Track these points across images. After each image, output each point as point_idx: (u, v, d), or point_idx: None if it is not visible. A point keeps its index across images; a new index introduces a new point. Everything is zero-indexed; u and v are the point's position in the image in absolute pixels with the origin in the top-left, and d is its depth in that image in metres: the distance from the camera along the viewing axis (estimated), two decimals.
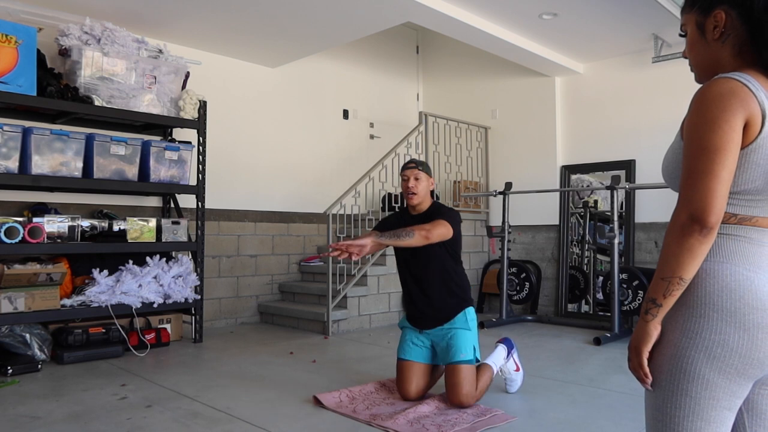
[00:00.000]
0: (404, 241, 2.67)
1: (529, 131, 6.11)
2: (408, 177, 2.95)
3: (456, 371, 2.77)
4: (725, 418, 1.05)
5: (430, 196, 3.01)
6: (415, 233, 2.67)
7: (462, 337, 2.83)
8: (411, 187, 2.92)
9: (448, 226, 2.77)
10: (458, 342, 2.81)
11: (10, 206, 4.04)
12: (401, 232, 2.67)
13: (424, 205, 2.97)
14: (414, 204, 2.96)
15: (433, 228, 2.72)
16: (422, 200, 2.95)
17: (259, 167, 5.50)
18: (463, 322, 2.87)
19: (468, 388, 2.74)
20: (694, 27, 1.16)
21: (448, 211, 2.90)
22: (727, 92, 1.01)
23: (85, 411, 2.74)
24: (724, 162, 1.00)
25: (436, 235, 2.72)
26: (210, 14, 4.31)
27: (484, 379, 2.87)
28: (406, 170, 2.98)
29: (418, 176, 2.94)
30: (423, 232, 2.68)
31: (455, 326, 2.85)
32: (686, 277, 1.03)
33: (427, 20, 4.45)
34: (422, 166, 2.99)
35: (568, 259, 5.71)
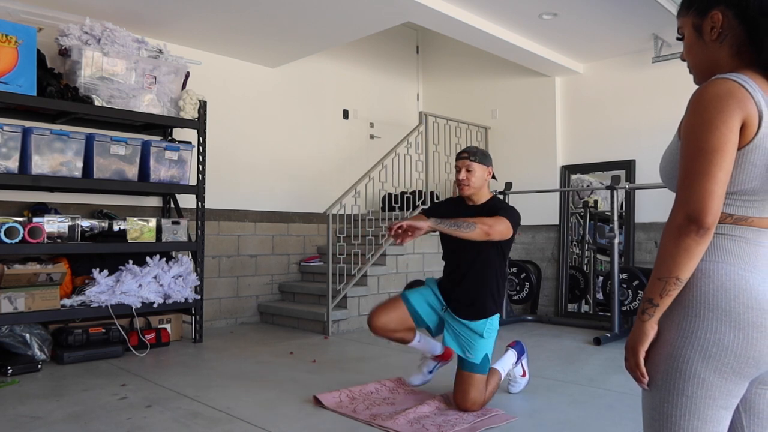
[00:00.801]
0: (464, 233, 2.50)
1: (529, 131, 6.11)
2: (459, 168, 2.81)
3: (466, 378, 2.73)
4: (722, 417, 1.05)
5: (487, 189, 2.89)
6: (477, 227, 2.50)
7: (476, 343, 2.76)
8: (462, 180, 2.79)
9: (509, 225, 2.61)
10: (470, 346, 2.76)
11: (10, 206, 4.04)
12: (462, 223, 2.51)
13: (481, 197, 2.84)
14: (467, 195, 2.83)
15: (495, 224, 2.56)
16: (476, 191, 2.82)
17: (259, 167, 5.50)
18: (480, 329, 2.76)
19: (474, 395, 2.71)
20: (692, 29, 1.16)
21: (510, 209, 2.73)
22: (724, 93, 1.01)
23: (85, 411, 2.75)
24: (721, 163, 1.00)
25: (497, 232, 2.57)
26: (210, 14, 4.31)
27: (492, 386, 2.84)
28: (458, 161, 2.84)
29: (470, 167, 2.79)
30: (485, 227, 2.52)
31: (473, 330, 2.76)
32: (683, 277, 1.03)
33: (427, 20, 4.45)
34: (476, 156, 2.82)
35: (568, 259, 5.71)
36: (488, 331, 2.79)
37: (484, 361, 2.77)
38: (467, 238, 2.54)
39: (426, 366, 3.02)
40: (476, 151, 2.85)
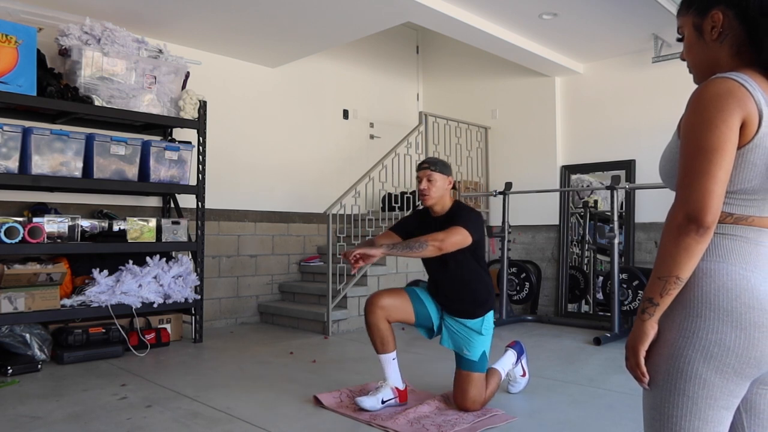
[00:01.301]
0: (416, 253, 2.57)
1: (529, 131, 6.11)
2: (421, 178, 2.84)
3: (465, 377, 2.75)
4: (723, 418, 1.05)
5: (449, 196, 2.89)
6: (428, 245, 2.56)
7: (475, 340, 2.78)
8: (423, 189, 2.82)
9: (464, 233, 2.64)
10: (472, 343, 2.78)
11: (10, 206, 4.04)
12: (414, 244, 2.58)
13: (444, 206, 2.86)
14: (429, 205, 2.86)
15: (447, 237, 2.60)
16: (437, 201, 2.84)
17: (259, 167, 5.50)
18: (478, 326, 2.80)
19: (474, 393, 2.72)
20: (692, 29, 1.16)
21: (468, 214, 2.77)
22: (724, 92, 1.01)
23: (85, 411, 2.75)
24: (720, 162, 1.00)
25: (451, 244, 2.60)
26: (210, 14, 4.31)
27: (492, 386, 2.84)
28: (419, 171, 2.87)
29: (431, 177, 2.81)
30: (436, 243, 2.57)
31: (472, 328, 2.80)
32: (683, 277, 1.03)
33: (427, 20, 4.45)
34: (436, 165, 2.84)
35: (568, 259, 5.71)
36: (486, 329, 2.82)
37: (483, 359, 2.78)
38: (422, 257, 2.66)
39: (384, 393, 2.80)
40: (437, 161, 2.89)
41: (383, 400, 2.78)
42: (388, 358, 2.81)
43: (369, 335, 2.81)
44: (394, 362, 2.83)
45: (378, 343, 2.79)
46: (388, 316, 2.78)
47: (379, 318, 2.76)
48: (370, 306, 2.77)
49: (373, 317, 2.77)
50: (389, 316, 2.78)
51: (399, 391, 2.84)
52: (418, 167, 2.91)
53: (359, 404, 2.74)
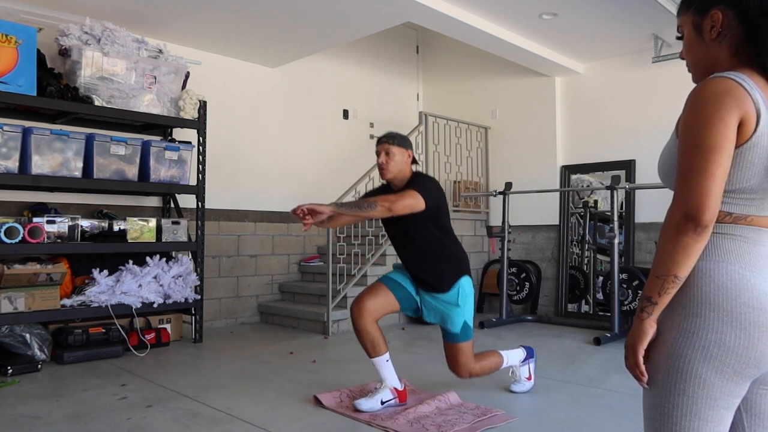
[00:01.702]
0: (364, 213, 2.54)
1: (529, 131, 6.11)
2: (379, 152, 2.81)
3: (450, 348, 2.78)
4: (723, 418, 1.05)
5: (409, 169, 2.84)
6: (378, 205, 2.52)
7: (453, 313, 2.75)
8: (381, 164, 2.79)
9: (417, 196, 2.59)
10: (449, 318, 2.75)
11: (10, 206, 4.04)
12: (363, 204, 2.55)
13: (404, 179, 2.81)
14: (387, 179, 2.83)
15: (398, 199, 2.56)
16: (396, 175, 2.79)
17: (259, 167, 5.50)
18: (454, 298, 2.75)
19: (464, 360, 2.75)
20: (691, 28, 1.16)
21: (423, 181, 2.74)
22: (721, 91, 1.02)
23: (85, 411, 2.75)
24: (718, 161, 1.00)
25: (401, 206, 2.56)
26: (210, 14, 4.31)
27: (490, 361, 2.84)
28: (378, 146, 2.84)
29: (389, 151, 2.77)
30: (386, 204, 2.53)
31: (447, 301, 2.76)
32: (681, 275, 1.03)
33: (427, 20, 4.45)
34: (394, 139, 2.80)
35: (568, 259, 5.71)
36: (462, 298, 2.77)
37: (465, 329, 2.76)
38: (371, 217, 2.64)
39: (383, 394, 2.79)
40: (395, 135, 2.84)
41: (382, 401, 2.78)
42: (382, 360, 2.79)
43: (359, 341, 2.78)
44: (389, 363, 2.82)
45: (369, 348, 2.77)
46: (375, 317, 2.76)
47: (367, 321, 2.74)
48: (356, 311, 2.75)
49: (361, 322, 2.74)
50: (376, 316, 2.77)
51: (398, 391, 2.84)
52: (377, 142, 2.87)
53: (357, 407, 2.73)
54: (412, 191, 2.62)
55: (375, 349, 2.76)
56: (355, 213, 2.56)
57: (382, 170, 2.80)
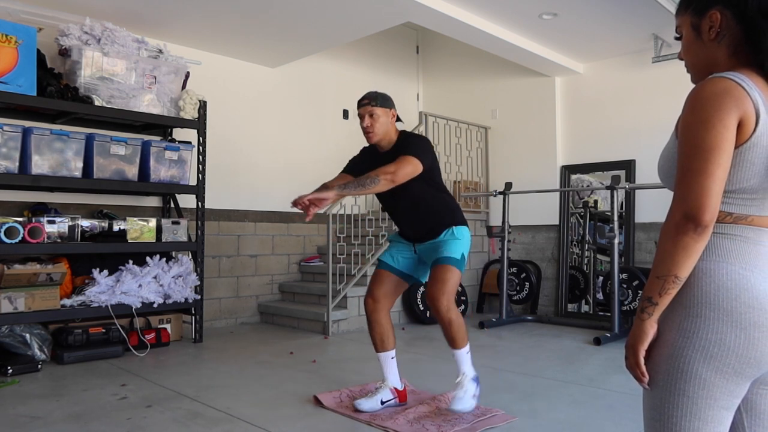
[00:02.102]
0: (369, 189, 2.50)
1: (529, 131, 6.11)
2: (362, 115, 2.73)
3: (441, 270, 2.64)
4: (723, 418, 1.05)
5: (394, 129, 2.78)
6: (380, 179, 2.48)
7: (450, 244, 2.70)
8: (367, 127, 2.72)
9: (415, 162, 2.55)
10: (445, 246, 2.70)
11: (10, 206, 4.04)
12: (365, 181, 2.49)
13: (391, 140, 2.75)
14: (374, 143, 2.76)
15: (398, 169, 2.51)
16: (383, 137, 2.74)
17: (259, 167, 5.50)
18: (451, 235, 2.71)
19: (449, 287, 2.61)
20: (690, 28, 1.16)
21: (415, 142, 2.69)
22: (720, 91, 1.02)
23: (85, 411, 2.75)
24: (718, 161, 1.00)
25: (403, 176, 2.52)
26: (210, 14, 4.31)
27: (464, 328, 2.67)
28: (360, 108, 2.75)
29: (373, 112, 2.70)
30: (388, 176, 2.49)
31: (444, 240, 2.72)
32: (681, 276, 1.03)
33: (427, 20, 4.45)
34: (377, 100, 2.74)
35: (568, 259, 5.71)
36: (459, 233, 2.73)
37: (460, 259, 2.68)
38: (376, 192, 2.57)
39: (383, 394, 2.78)
40: (376, 95, 2.77)
41: (382, 400, 2.78)
42: (387, 356, 2.81)
43: (370, 333, 2.82)
44: (393, 361, 2.83)
45: (378, 341, 2.79)
46: (389, 304, 2.80)
47: (381, 313, 2.78)
48: (370, 303, 2.79)
49: (376, 315, 2.78)
50: (389, 303, 2.80)
51: (398, 391, 2.84)
52: (357, 105, 2.79)
53: (357, 407, 2.73)
54: (408, 157, 2.57)
55: (383, 343, 2.79)
56: (359, 191, 2.55)
57: (368, 134, 2.73)
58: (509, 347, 4.32)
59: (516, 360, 3.87)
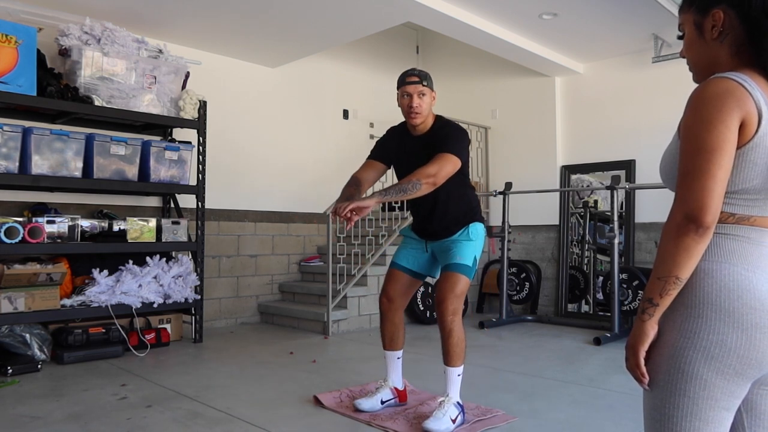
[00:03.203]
0: (411, 194, 2.38)
1: (529, 131, 6.11)
2: (411, 94, 2.58)
3: (451, 277, 2.58)
4: (723, 419, 1.05)
5: (432, 112, 2.69)
6: (422, 183, 2.37)
7: (463, 246, 2.64)
8: (415, 107, 2.58)
9: (455, 161, 2.46)
10: (458, 249, 2.63)
11: (10, 206, 4.04)
12: (407, 186, 2.37)
13: (428, 123, 2.66)
14: (417, 123, 2.63)
15: (440, 170, 2.41)
16: (425, 118, 2.64)
17: (259, 167, 5.50)
18: (465, 236, 2.65)
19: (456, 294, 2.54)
20: (692, 27, 1.16)
21: (455, 134, 2.57)
22: (722, 92, 1.01)
23: (85, 411, 2.74)
24: (720, 161, 1.00)
25: (444, 176, 2.43)
26: (210, 14, 4.31)
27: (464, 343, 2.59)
28: (409, 86, 2.59)
29: (423, 92, 2.59)
30: (430, 179, 2.39)
31: (459, 239, 2.65)
32: (682, 277, 1.03)
33: (427, 20, 4.45)
34: (427, 79, 2.62)
35: (568, 259, 5.71)
36: (474, 233, 2.66)
37: (471, 265, 2.62)
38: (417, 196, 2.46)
39: (383, 394, 2.78)
40: (426, 74, 2.65)
41: (382, 400, 2.77)
42: (394, 356, 2.81)
43: (381, 329, 2.81)
44: (399, 362, 2.82)
45: (387, 339, 2.79)
46: (403, 303, 2.79)
47: (395, 312, 2.77)
48: (384, 302, 2.78)
49: (390, 314, 2.77)
50: (404, 302, 2.79)
51: (398, 391, 2.84)
52: (402, 80, 2.64)
53: (358, 407, 2.72)
54: (449, 155, 2.45)
55: (392, 342, 2.79)
56: (400, 197, 2.40)
57: (414, 114, 2.59)
58: (509, 347, 4.32)
59: (516, 360, 3.87)
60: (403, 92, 2.63)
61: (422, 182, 2.38)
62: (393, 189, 2.39)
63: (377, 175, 2.77)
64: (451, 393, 2.56)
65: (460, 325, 2.56)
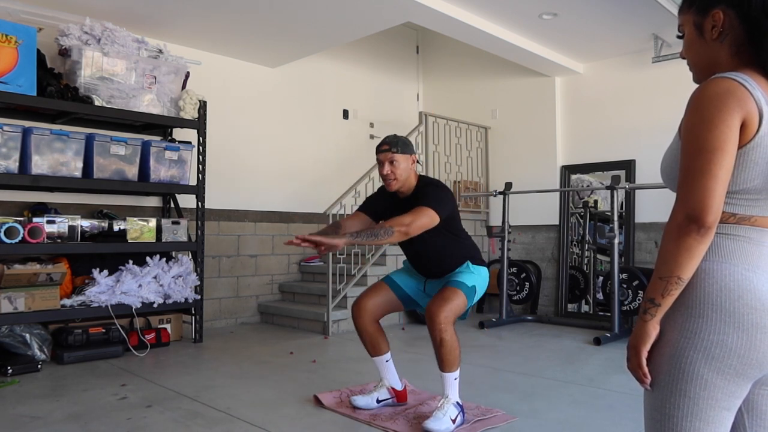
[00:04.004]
0: (382, 240, 2.40)
1: (529, 131, 6.11)
2: (382, 162, 2.64)
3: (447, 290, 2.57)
4: (724, 419, 1.05)
5: (414, 174, 2.71)
6: (394, 230, 2.38)
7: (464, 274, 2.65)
8: (387, 175, 2.63)
9: (431, 214, 2.47)
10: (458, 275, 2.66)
11: (10, 206, 4.03)
12: (379, 231, 2.38)
13: (410, 186, 2.70)
14: (394, 189, 2.68)
15: (414, 221, 2.42)
16: (403, 183, 2.67)
17: (259, 167, 5.50)
18: (466, 268, 2.68)
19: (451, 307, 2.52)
20: (692, 27, 1.16)
21: (435, 192, 2.60)
22: (723, 92, 1.01)
23: (85, 411, 2.74)
24: (721, 161, 1.00)
25: (417, 228, 2.43)
26: (210, 14, 4.31)
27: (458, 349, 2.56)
28: (379, 154, 2.66)
29: (393, 159, 2.62)
30: (403, 228, 2.40)
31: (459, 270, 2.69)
32: (684, 277, 1.03)
33: (427, 20, 4.45)
34: (397, 146, 2.64)
35: (568, 259, 5.71)
36: (475, 269, 2.69)
37: (472, 291, 2.62)
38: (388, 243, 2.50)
39: (380, 393, 2.80)
40: (397, 140, 2.68)
41: (378, 399, 2.78)
42: (381, 360, 2.80)
43: (360, 339, 2.79)
44: (389, 363, 2.82)
45: (369, 347, 2.77)
46: (375, 316, 2.74)
47: (366, 321, 2.73)
48: (355, 310, 2.74)
49: (361, 321, 2.73)
50: (376, 316, 2.75)
51: (396, 391, 2.83)
52: (377, 150, 2.70)
53: (353, 402, 2.74)
54: (425, 209, 2.48)
55: (375, 348, 2.77)
56: (371, 241, 2.43)
57: (389, 181, 2.66)
58: (509, 347, 4.32)
59: (516, 360, 3.87)
60: (377, 160, 2.70)
61: (395, 229, 2.39)
62: (365, 232, 2.42)
63: (362, 226, 2.74)
64: (449, 394, 2.57)
65: (452, 333, 2.53)
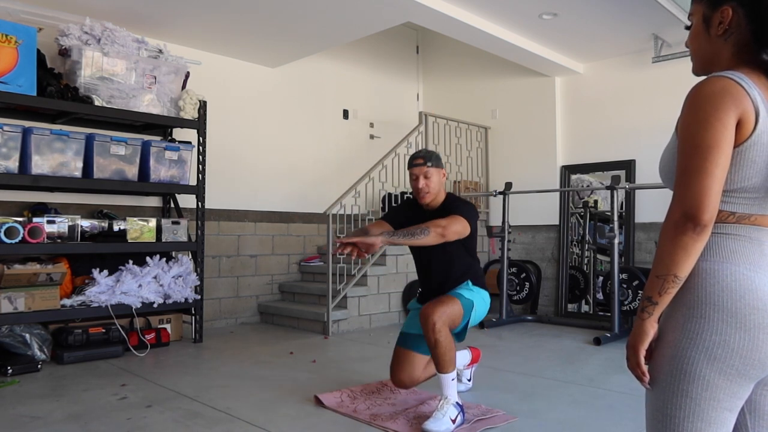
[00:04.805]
0: (419, 240, 2.45)
1: (529, 131, 6.11)
2: (417, 176, 2.73)
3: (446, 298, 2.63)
4: (726, 419, 1.05)
5: (443, 189, 2.83)
6: (431, 231, 2.46)
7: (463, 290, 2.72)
8: (422, 188, 2.72)
9: (465, 223, 2.57)
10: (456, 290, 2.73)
11: (10, 206, 4.03)
12: (416, 230, 2.46)
13: (439, 200, 2.80)
14: (426, 203, 2.78)
15: (449, 225, 2.52)
16: (435, 196, 2.77)
17: (259, 167, 5.50)
18: (466, 286, 2.75)
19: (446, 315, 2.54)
20: (701, 19, 1.16)
21: (464, 205, 2.71)
22: (719, 90, 1.02)
23: (85, 411, 2.74)
24: (717, 160, 1.00)
25: (453, 233, 2.52)
26: (210, 14, 4.31)
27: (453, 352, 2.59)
28: (414, 168, 2.75)
29: (428, 174, 2.72)
30: (439, 229, 2.48)
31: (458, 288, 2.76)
32: (681, 275, 1.03)
33: (427, 20, 4.45)
34: (432, 160, 2.75)
35: (568, 259, 5.71)
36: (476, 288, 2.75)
37: (470, 305, 2.67)
38: (424, 245, 2.53)
39: (463, 375, 3.01)
40: (431, 155, 2.78)
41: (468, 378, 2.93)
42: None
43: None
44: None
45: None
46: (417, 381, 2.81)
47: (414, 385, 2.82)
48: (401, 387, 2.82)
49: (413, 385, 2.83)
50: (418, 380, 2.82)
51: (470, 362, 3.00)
52: (410, 163, 2.78)
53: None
54: (459, 217, 2.56)
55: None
56: (408, 241, 2.48)
57: (425, 194, 2.73)
58: (509, 347, 4.32)
59: (516, 360, 3.87)
60: (411, 174, 2.78)
61: (431, 230, 2.47)
62: (401, 232, 2.48)
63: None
64: (448, 395, 2.57)
65: (447, 334, 2.55)
